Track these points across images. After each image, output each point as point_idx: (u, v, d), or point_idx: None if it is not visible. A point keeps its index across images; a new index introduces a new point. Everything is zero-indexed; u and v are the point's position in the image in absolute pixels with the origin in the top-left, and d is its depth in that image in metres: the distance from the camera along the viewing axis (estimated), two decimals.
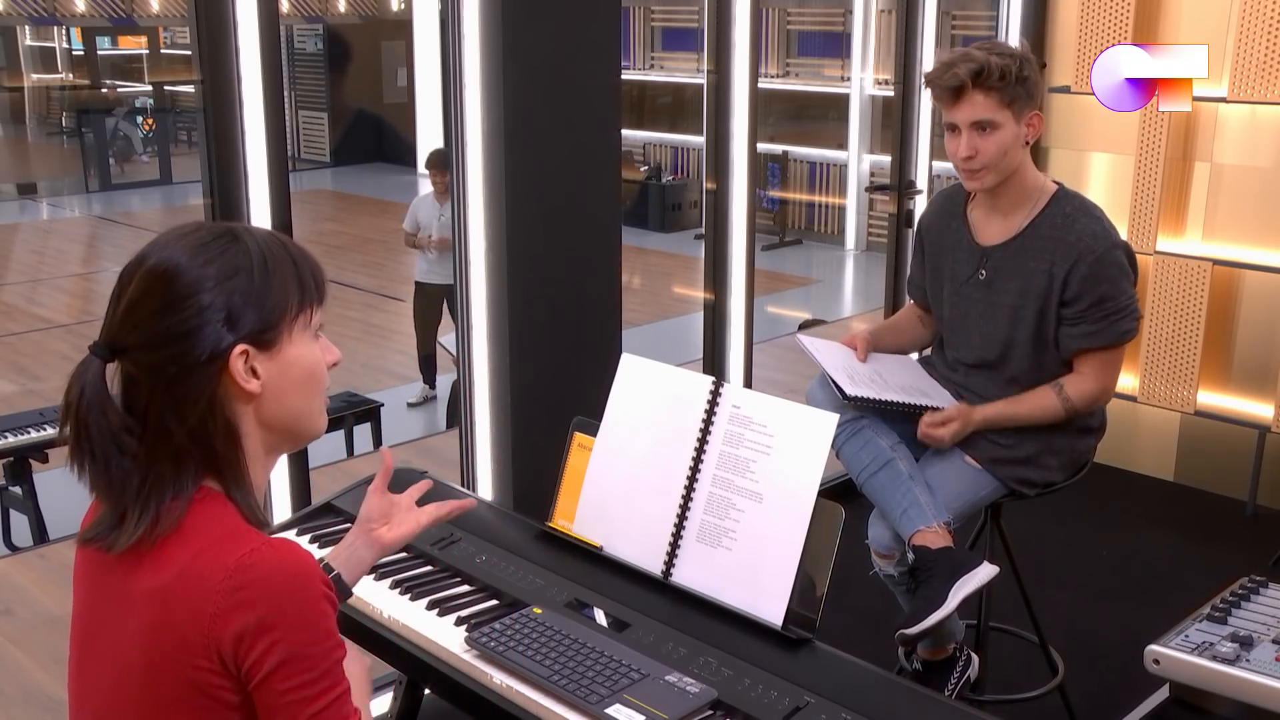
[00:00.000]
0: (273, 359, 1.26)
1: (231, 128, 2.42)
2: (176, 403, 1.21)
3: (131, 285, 1.22)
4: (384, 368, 7.49)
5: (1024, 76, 2.28)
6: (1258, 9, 3.79)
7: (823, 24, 11.60)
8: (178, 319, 1.20)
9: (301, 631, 1.18)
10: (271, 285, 1.25)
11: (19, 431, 4.62)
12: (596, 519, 1.97)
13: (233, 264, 1.23)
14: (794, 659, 1.68)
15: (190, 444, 1.23)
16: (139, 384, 1.22)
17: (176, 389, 1.21)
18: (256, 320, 1.23)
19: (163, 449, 1.22)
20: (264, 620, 1.16)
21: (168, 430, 1.22)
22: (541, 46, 2.64)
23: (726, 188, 3.71)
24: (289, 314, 1.26)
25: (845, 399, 2.29)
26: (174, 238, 1.25)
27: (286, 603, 1.17)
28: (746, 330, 3.85)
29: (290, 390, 1.28)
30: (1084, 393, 2.36)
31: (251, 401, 1.26)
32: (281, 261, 1.27)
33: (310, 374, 1.30)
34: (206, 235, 1.25)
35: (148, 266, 1.22)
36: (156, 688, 1.20)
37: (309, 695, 1.18)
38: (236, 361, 1.23)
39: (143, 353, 1.21)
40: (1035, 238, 2.35)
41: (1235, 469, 4.12)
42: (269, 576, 1.17)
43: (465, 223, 2.71)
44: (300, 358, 1.28)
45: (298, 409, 1.30)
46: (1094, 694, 2.95)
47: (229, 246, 1.24)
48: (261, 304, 1.24)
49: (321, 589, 1.21)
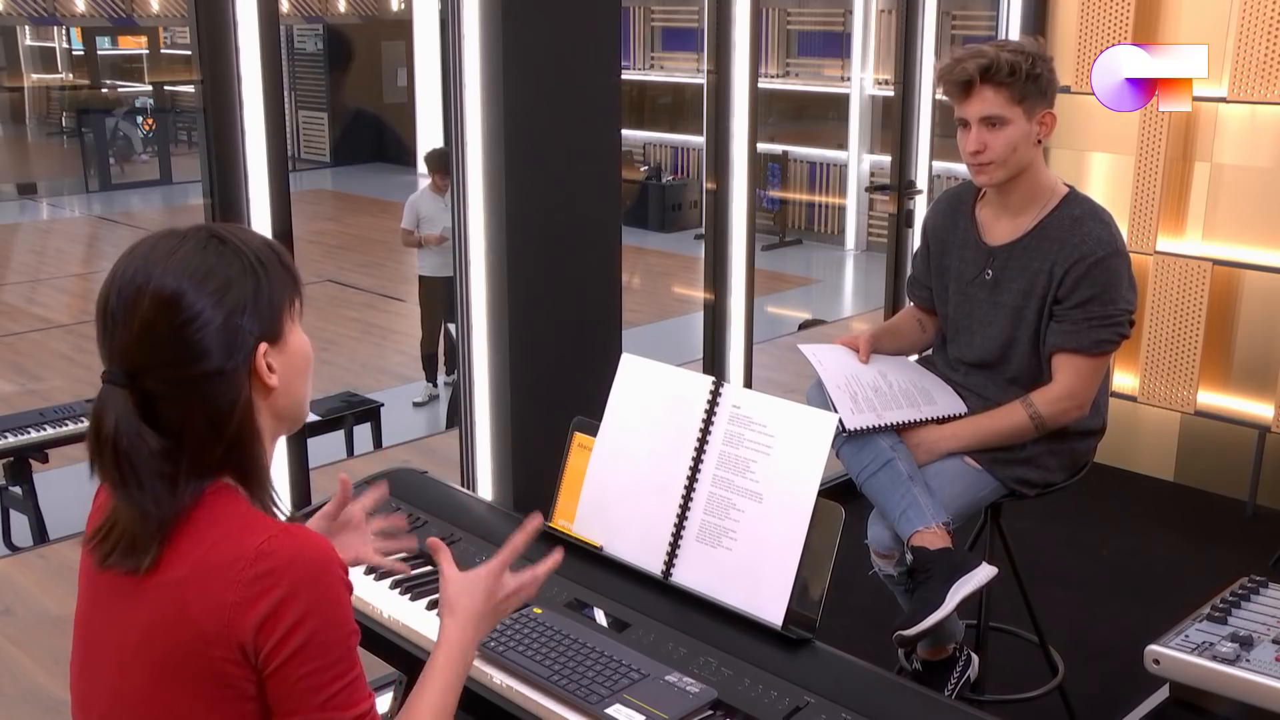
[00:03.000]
0: (282, 351, 1.28)
1: (231, 128, 2.42)
2: (213, 416, 1.22)
3: (136, 315, 1.21)
4: (384, 368, 7.49)
5: (1036, 74, 2.27)
6: (1258, 9, 3.79)
7: (823, 24, 11.61)
8: (197, 336, 1.21)
9: (321, 616, 1.19)
10: (270, 281, 1.27)
11: (19, 431, 4.62)
12: (596, 519, 1.97)
13: (231, 270, 1.24)
14: (794, 659, 1.67)
15: (226, 454, 1.24)
16: (168, 402, 1.22)
17: (212, 401, 1.22)
18: (266, 317, 1.26)
19: (199, 465, 1.23)
20: (286, 605, 1.17)
21: (207, 445, 1.23)
22: (541, 46, 2.64)
23: (726, 188, 3.71)
24: (286, 306, 1.29)
25: (845, 432, 2.28)
26: (161, 257, 1.22)
27: (307, 588, 1.18)
28: (746, 330, 3.85)
29: (296, 378, 1.31)
30: (1052, 400, 2.32)
31: (270, 395, 1.27)
32: (269, 257, 1.28)
33: (307, 358, 1.34)
34: (194, 248, 1.24)
35: (149, 295, 1.21)
36: (168, 681, 1.20)
37: (322, 681, 1.19)
38: (260, 360, 1.25)
39: (169, 369, 1.21)
40: (1042, 239, 2.35)
41: (1235, 469, 4.12)
42: (290, 562, 1.18)
43: (465, 223, 2.71)
44: (300, 344, 1.32)
45: (301, 395, 1.33)
46: (1094, 694, 2.95)
47: (221, 253, 1.24)
48: (267, 301, 1.26)
49: (340, 574, 1.23)
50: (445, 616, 1.45)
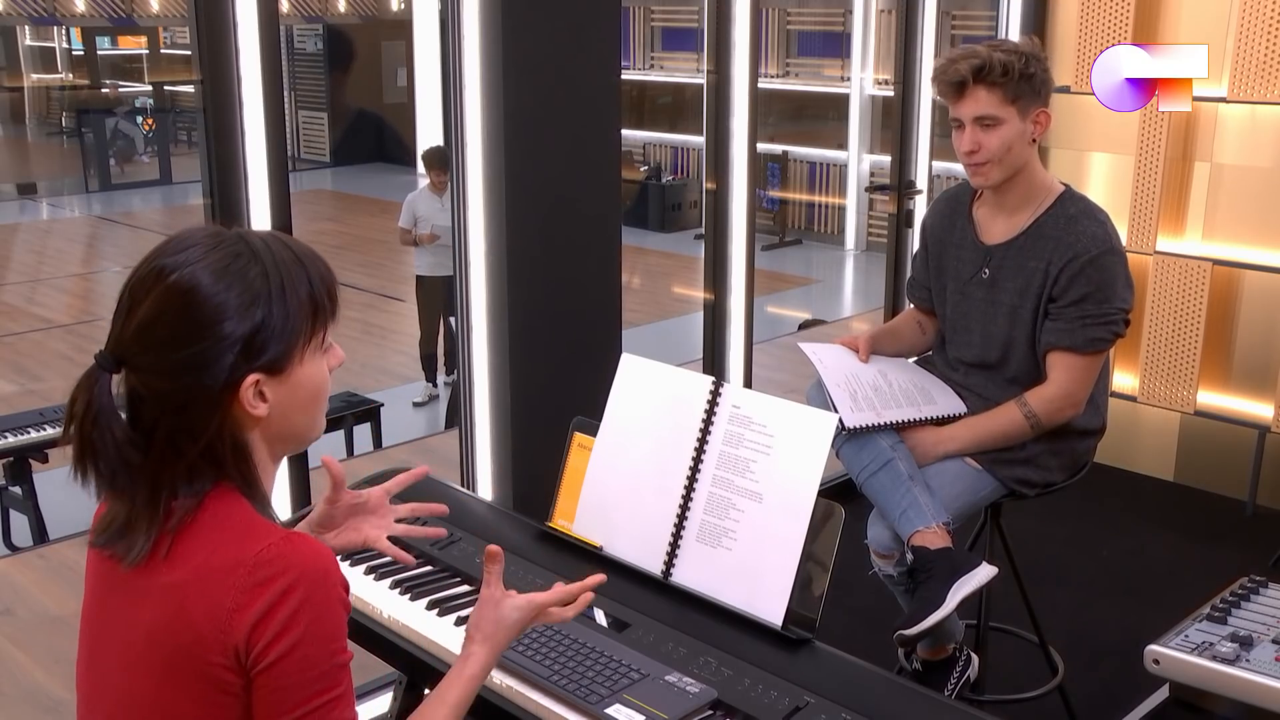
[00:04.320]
0: (282, 383, 1.24)
1: (231, 128, 2.42)
2: (185, 428, 1.21)
3: (148, 301, 1.19)
4: (384, 368, 7.49)
5: (1029, 74, 2.27)
6: (1258, 9, 3.79)
7: (823, 24, 11.61)
8: (195, 350, 1.19)
9: (311, 627, 1.18)
10: (289, 311, 1.23)
11: (19, 431, 4.62)
12: (596, 519, 1.97)
13: (253, 291, 1.20)
14: (794, 659, 1.67)
15: (200, 460, 1.22)
16: (145, 401, 1.21)
17: (185, 416, 1.21)
18: (271, 350, 1.22)
19: (170, 466, 1.22)
20: (276, 609, 1.16)
21: (178, 449, 1.21)
22: (541, 46, 2.64)
23: (726, 188, 3.71)
24: (302, 339, 1.25)
25: (845, 430, 2.29)
26: (195, 253, 1.21)
27: (300, 597, 1.17)
28: (746, 330, 3.85)
29: (296, 409, 1.27)
30: (1047, 399, 2.32)
31: (259, 423, 1.25)
32: (298, 283, 1.24)
33: (316, 393, 1.29)
34: (227, 254, 1.21)
35: (167, 284, 1.19)
36: (170, 682, 1.20)
37: (303, 696, 1.18)
38: (247, 391, 1.22)
39: (153, 377, 1.20)
40: (1038, 237, 2.35)
41: (1235, 469, 4.12)
42: (287, 569, 1.18)
43: (465, 223, 2.71)
44: (309, 378, 1.27)
45: (302, 424, 1.29)
46: (1094, 694, 2.95)
47: (249, 267, 1.21)
48: (278, 333, 1.22)
49: (338, 590, 1.21)
50: (476, 642, 1.41)
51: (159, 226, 12.40)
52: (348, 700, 1.22)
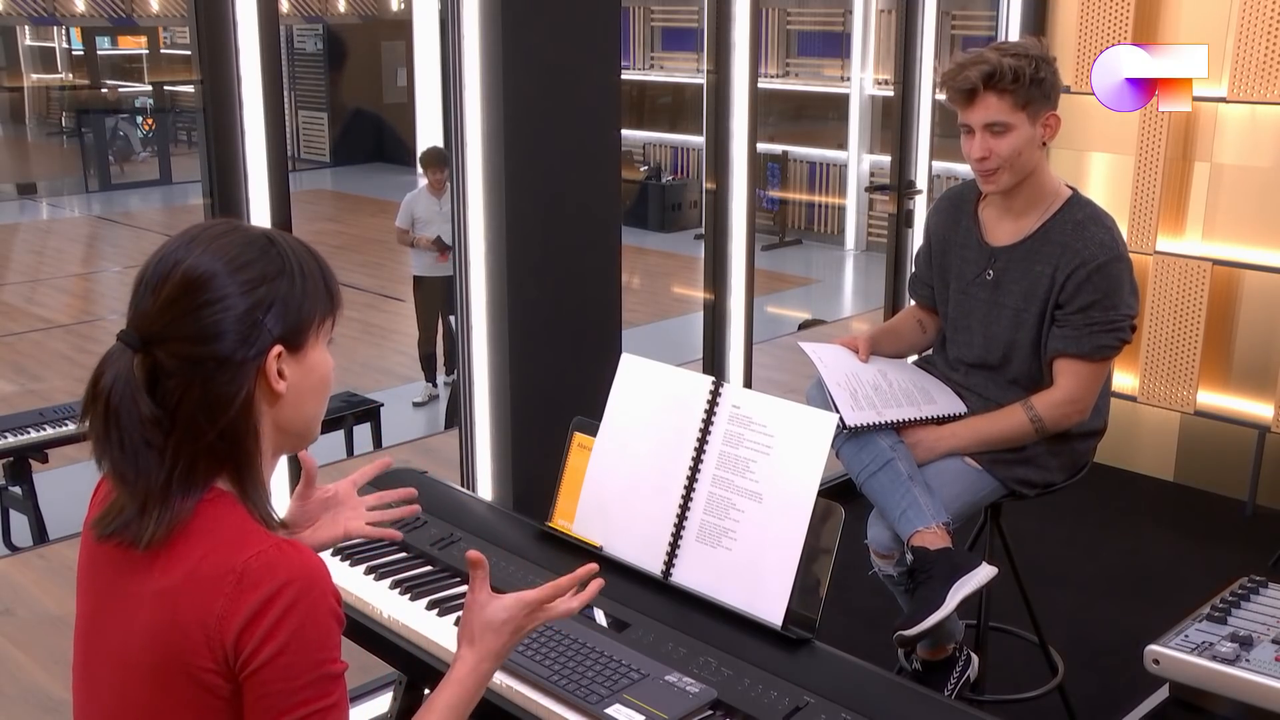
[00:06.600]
0: (299, 363, 1.27)
1: (231, 128, 2.42)
2: (210, 401, 1.21)
3: (174, 274, 1.22)
4: (384, 368, 7.49)
5: (1039, 78, 2.26)
6: (1258, 9, 3.79)
7: (823, 24, 11.61)
8: (217, 318, 1.21)
9: (298, 631, 1.17)
10: (306, 291, 1.27)
11: (19, 431, 4.61)
12: (596, 519, 1.97)
13: (271, 268, 1.24)
14: (794, 659, 1.68)
15: (218, 442, 1.22)
16: (172, 377, 1.21)
17: (213, 386, 1.21)
18: (290, 323, 1.25)
19: (189, 446, 1.22)
20: (264, 613, 1.16)
21: (198, 428, 1.21)
22: (541, 46, 2.64)
23: (726, 188, 3.71)
24: (316, 320, 1.29)
25: (845, 429, 2.29)
26: (218, 230, 1.26)
27: (287, 601, 1.17)
28: (746, 330, 3.85)
29: (308, 394, 1.30)
30: (1053, 405, 2.33)
31: (276, 404, 1.27)
32: (313, 270, 1.29)
33: (325, 380, 1.32)
34: (248, 235, 1.26)
35: (194, 257, 1.22)
36: (163, 687, 1.20)
37: (291, 704, 1.17)
38: (272, 362, 1.24)
39: (181, 345, 1.21)
40: (1045, 242, 2.35)
41: (1235, 469, 4.12)
42: (276, 574, 1.17)
43: (465, 223, 2.71)
44: (320, 363, 1.31)
45: (311, 413, 1.32)
46: (1094, 694, 2.95)
47: (267, 250, 1.25)
48: (296, 308, 1.26)
49: (328, 600, 1.20)
50: (463, 645, 1.39)
51: (159, 227, 12.40)
52: (340, 712, 1.21)
